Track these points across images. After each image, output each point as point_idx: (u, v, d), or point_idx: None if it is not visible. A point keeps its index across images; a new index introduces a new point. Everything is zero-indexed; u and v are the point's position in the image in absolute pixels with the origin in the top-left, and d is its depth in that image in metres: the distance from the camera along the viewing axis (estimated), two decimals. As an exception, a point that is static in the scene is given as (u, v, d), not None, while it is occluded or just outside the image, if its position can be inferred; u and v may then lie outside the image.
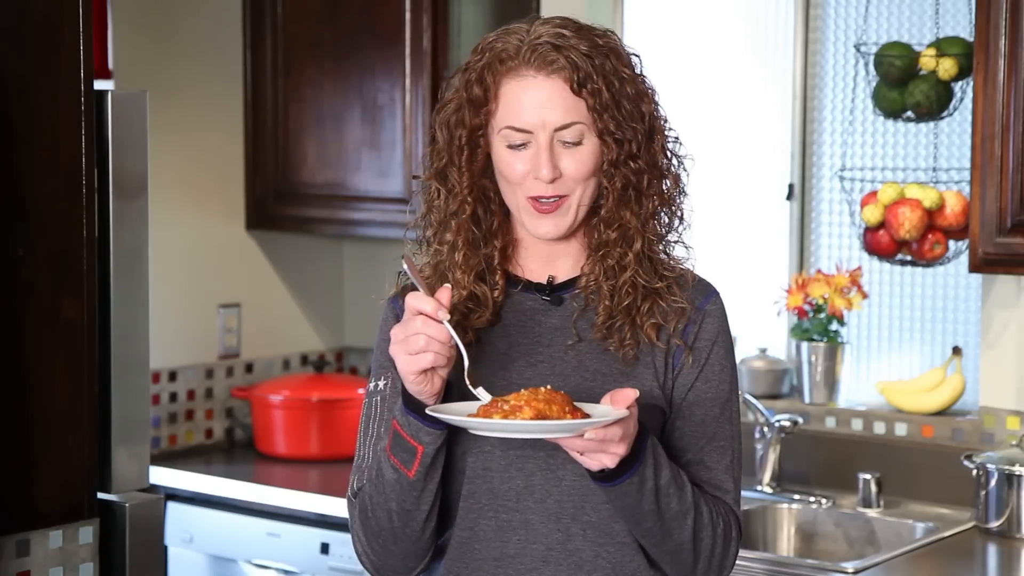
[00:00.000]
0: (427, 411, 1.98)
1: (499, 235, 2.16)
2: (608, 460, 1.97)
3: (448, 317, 1.97)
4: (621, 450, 1.96)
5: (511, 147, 2.09)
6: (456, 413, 1.99)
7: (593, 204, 2.13)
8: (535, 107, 2.07)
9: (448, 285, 2.02)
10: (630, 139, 2.09)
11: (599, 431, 1.93)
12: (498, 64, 2.10)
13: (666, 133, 2.15)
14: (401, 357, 1.98)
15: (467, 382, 2.02)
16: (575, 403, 1.98)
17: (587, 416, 1.96)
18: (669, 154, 2.15)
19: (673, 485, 2.05)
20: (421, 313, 1.97)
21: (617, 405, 1.95)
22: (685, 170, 2.17)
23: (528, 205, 2.10)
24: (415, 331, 1.96)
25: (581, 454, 1.98)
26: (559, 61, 2.07)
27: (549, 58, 2.07)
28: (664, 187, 2.15)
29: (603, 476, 2.00)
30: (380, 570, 2.18)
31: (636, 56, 2.16)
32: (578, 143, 2.09)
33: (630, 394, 1.96)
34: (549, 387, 1.99)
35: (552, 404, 1.94)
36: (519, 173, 2.09)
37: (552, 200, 2.09)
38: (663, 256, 2.16)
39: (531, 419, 1.92)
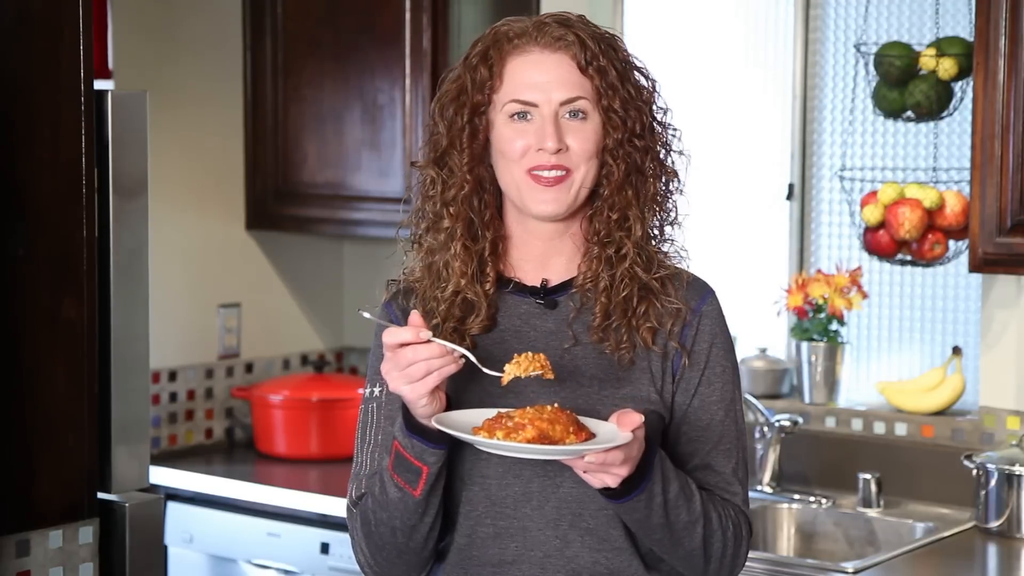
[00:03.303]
0: (433, 420, 1.98)
1: (491, 229, 2.15)
2: (610, 480, 1.97)
3: (431, 334, 1.96)
4: (623, 471, 1.96)
5: (513, 120, 2.08)
6: (459, 424, 1.99)
7: (591, 192, 2.12)
8: (541, 82, 2.08)
9: (415, 310, 2.02)
10: (634, 119, 2.09)
11: (599, 455, 1.93)
12: (505, 43, 2.11)
13: (667, 127, 2.16)
14: (405, 388, 1.97)
15: (486, 371, 2.02)
16: (582, 420, 1.99)
17: (592, 435, 1.97)
18: (669, 149, 2.16)
19: (682, 497, 2.05)
20: (403, 344, 1.97)
21: (622, 428, 1.95)
22: (683, 166, 2.17)
23: (528, 179, 2.09)
24: (408, 361, 1.96)
25: (584, 471, 1.98)
26: (567, 37, 2.08)
27: (556, 34, 2.08)
28: (662, 179, 2.15)
29: (611, 493, 2.00)
30: None
31: (640, 61, 2.17)
32: (583, 120, 2.08)
33: (636, 419, 1.95)
34: (556, 405, 1.99)
35: (556, 424, 1.94)
36: (519, 149, 2.08)
37: (554, 174, 2.08)
38: (659, 255, 2.15)
39: (533, 437, 1.93)
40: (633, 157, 2.10)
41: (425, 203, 2.17)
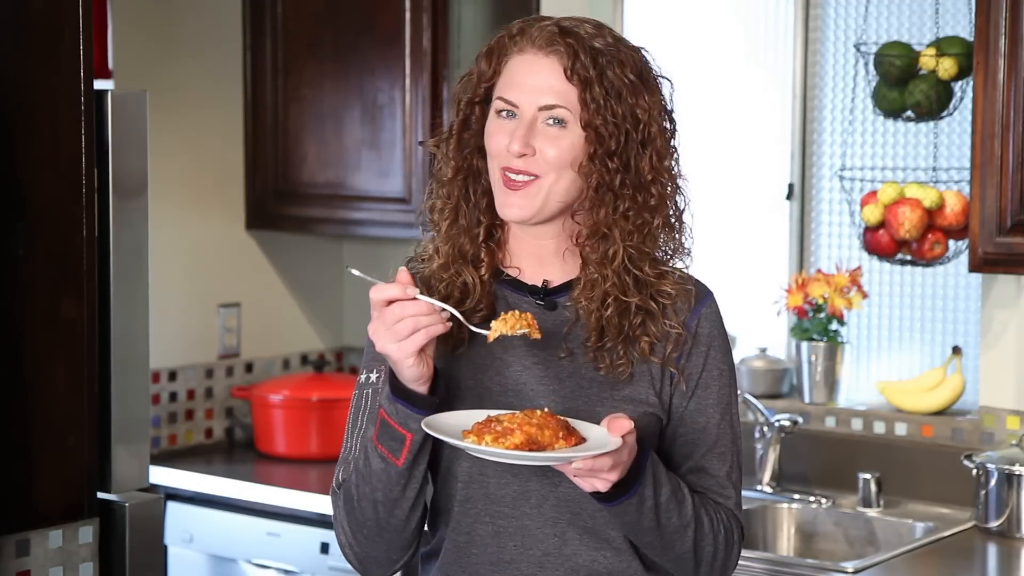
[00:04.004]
0: (423, 423, 1.98)
1: (488, 215, 2.15)
2: (600, 485, 1.97)
3: (418, 291, 1.97)
4: (612, 477, 1.96)
5: (499, 117, 2.10)
6: (449, 426, 1.99)
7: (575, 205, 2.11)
8: (527, 84, 2.08)
9: (403, 267, 2.03)
10: (611, 135, 2.06)
11: (586, 462, 1.93)
12: (507, 40, 2.12)
13: (664, 148, 2.11)
14: (392, 346, 1.97)
15: (473, 329, 2.04)
16: (572, 423, 1.99)
17: (583, 439, 1.97)
18: (658, 170, 2.10)
19: (673, 501, 2.05)
20: (391, 301, 1.97)
21: (612, 433, 1.95)
22: (673, 188, 2.12)
23: (500, 179, 2.09)
24: (396, 318, 1.96)
25: (574, 476, 1.98)
26: (559, 45, 2.07)
27: (551, 40, 2.08)
28: (644, 199, 2.09)
29: (601, 496, 2.00)
30: (363, 562, 2.16)
31: (666, 79, 2.14)
32: (561, 128, 2.07)
33: (625, 424, 1.95)
34: (547, 409, 1.99)
35: (545, 429, 1.95)
36: (497, 145, 2.09)
37: (522, 178, 2.08)
38: (652, 279, 2.11)
39: (521, 442, 1.93)
40: (605, 175, 2.07)
41: (434, 183, 2.19)
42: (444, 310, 1.99)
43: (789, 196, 4.12)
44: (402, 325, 1.96)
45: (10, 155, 2.49)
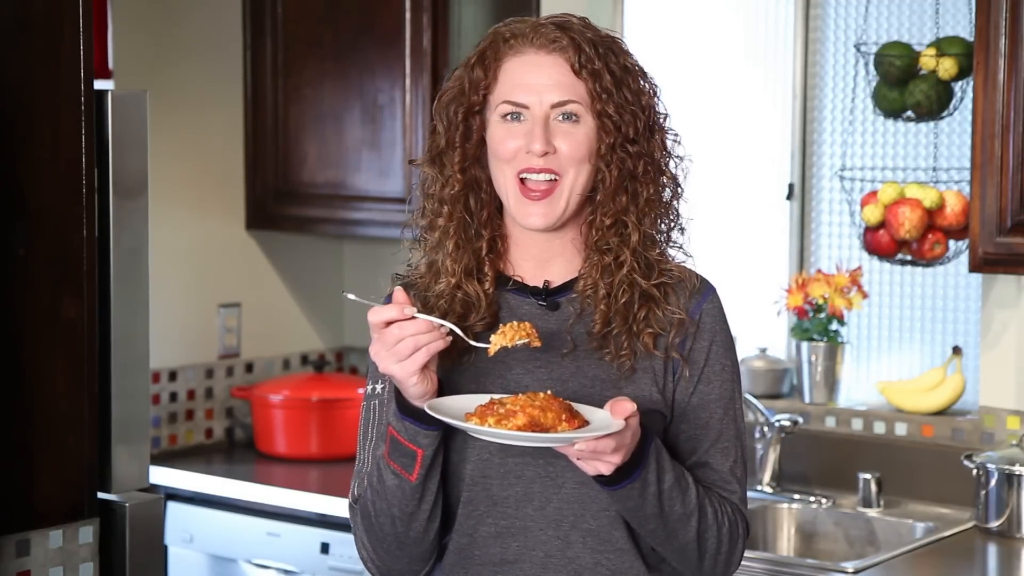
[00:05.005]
0: (425, 407, 1.98)
1: (488, 227, 2.14)
2: (603, 468, 1.97)
3: (416, 310, 1.97)
4: (616, 459, 1.96)
5: (505, 120, 2.08)
6: (453, 409, 1.99)
7: (588, 196, 2.11)
8: (534, 83, 2.07)
9: (399, 286, 2.03)
10: (628, 123, 2.08)
11: (589, 443, 1.93)
12: (501, 43, 2.11)
13: (666, 131, 2.15)
14: (395, 367, 1.98)
15: (473, 344, 2.03)
16: (576, 407, 1.99)
17: (586, 422, 1.97)
18: (668, 154, 2.15)
19: (676, 488, 2.05)
20: (390, 322, 1.97)
21: (615, 415, 1.95)
22: (683, 171, 2.17)
23: (517, 190, 2.08)
24: (396, 339, 1.97)
25: (577, 459, 1.98)
26: (562, 41, 2.08)
27: (552, 36, 2.08)
28: (661, 182, 2.13)
29: (604, 480, 2.00)
30: (387, 575, 2.18)
31: (641, 66, 2.16)
32: (575, 123, 2.08)
33: (628, 407, 1.95)
34: (550, 392, 1.99)
35: (547, 411, 1.94)
36: (511, 150, 2.08)
37: (543, 182, 2.07)
38: (660, 261, 2.14)
39: (524, 424, 1.93)
40: (627, 162, 2.09)
41: (425, 201, 2.17)
42: (443, 326, 1.99)
43: (789, 196, 4.12)
44: (402, 345, 1.96)
45: (10, 155, 2.49)
